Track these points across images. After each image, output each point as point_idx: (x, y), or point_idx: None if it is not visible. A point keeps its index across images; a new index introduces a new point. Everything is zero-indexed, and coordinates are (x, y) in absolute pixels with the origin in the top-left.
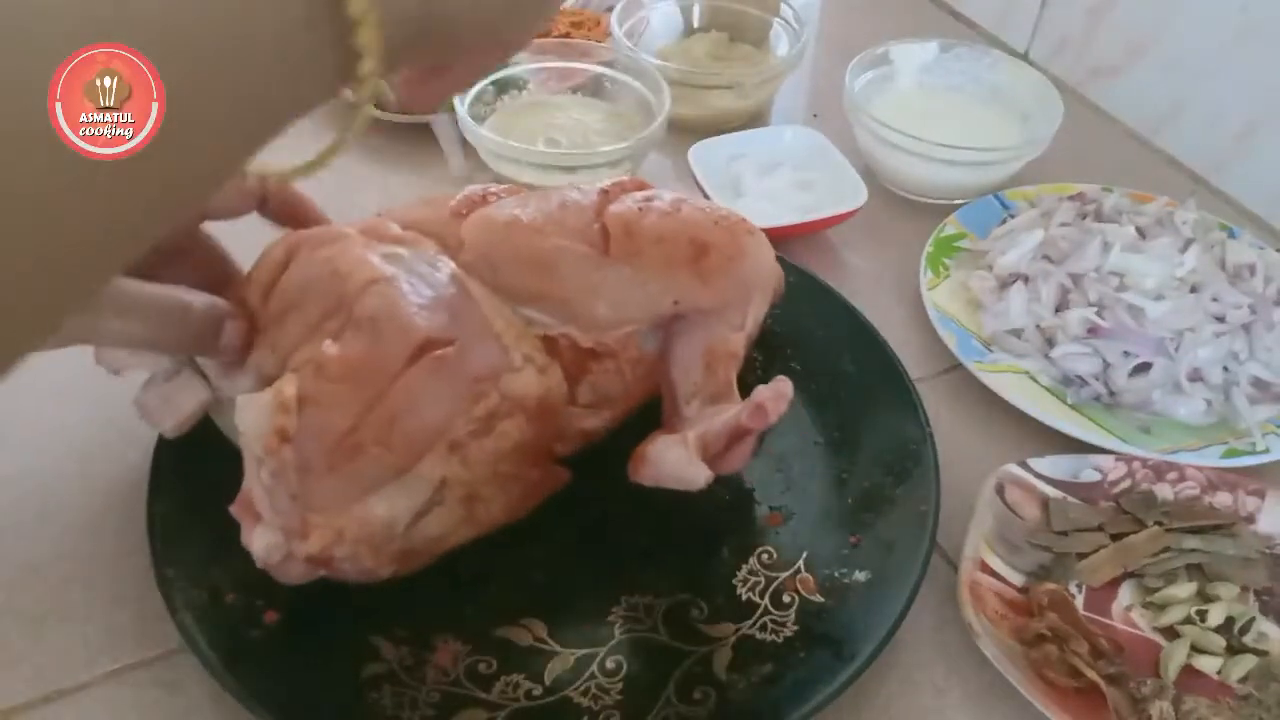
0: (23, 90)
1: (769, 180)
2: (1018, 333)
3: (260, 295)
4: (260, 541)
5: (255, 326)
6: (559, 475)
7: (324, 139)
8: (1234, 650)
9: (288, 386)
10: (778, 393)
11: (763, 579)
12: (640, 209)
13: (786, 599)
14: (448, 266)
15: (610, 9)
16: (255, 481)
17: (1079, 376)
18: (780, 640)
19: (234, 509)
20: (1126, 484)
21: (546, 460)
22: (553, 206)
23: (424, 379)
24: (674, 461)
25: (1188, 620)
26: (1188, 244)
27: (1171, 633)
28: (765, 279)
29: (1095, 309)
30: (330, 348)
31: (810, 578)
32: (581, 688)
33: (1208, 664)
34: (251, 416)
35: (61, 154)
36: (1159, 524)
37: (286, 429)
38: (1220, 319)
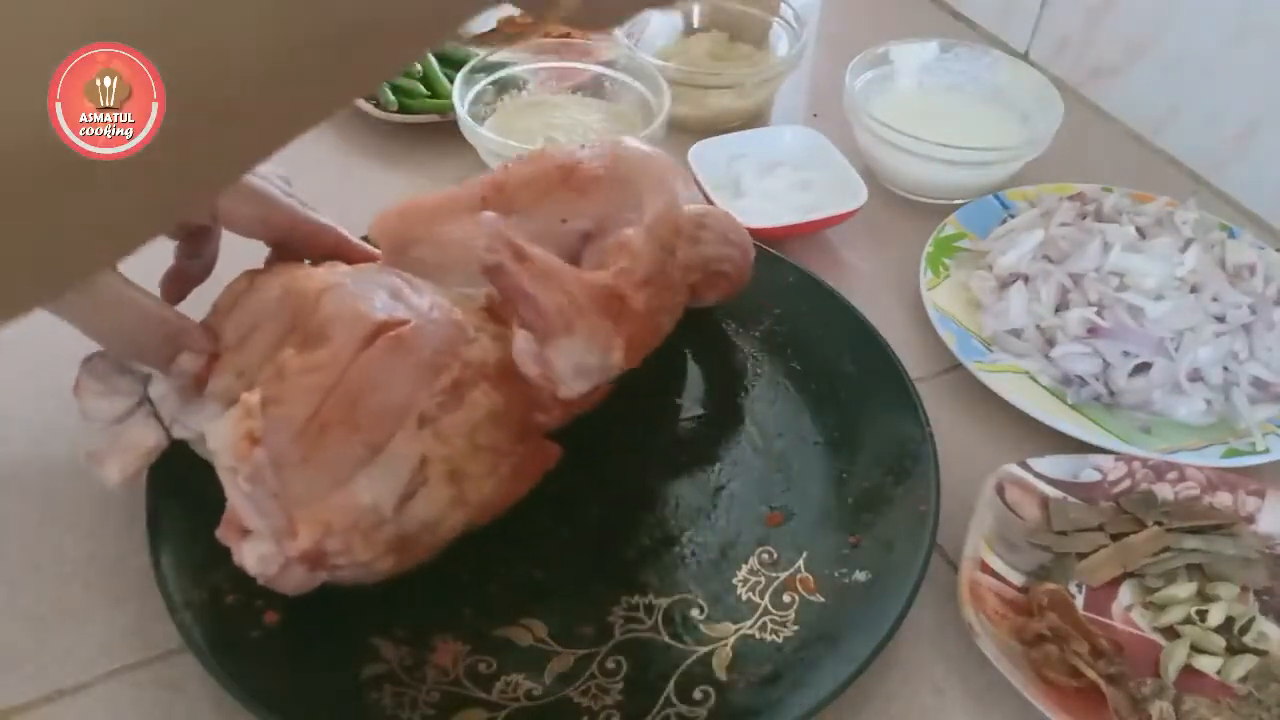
0: (23, 90)
1: (769, 180)
2: (1018, 333)
3: (221, 323)
4: (252, 555)
5: (218, 356)
6: (550, 451)
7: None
8: (1234, 650)
9: (251, 395)
10: (483, 219)
11: (763, 579)
12: (506, 165)
13: (787, 599)
14: (391, 270)
15: None
16: (236, 494)
17: (1079, 376)
18: (780, 640)
19: (220, 533)
20: (1126, 484)
21: (534, 435)
22: (446, 191)
23: (381, 357)
24: (518, 349)
25: (1188, 620)
26: (1188, 244)
27: (1171, 633)
28: (652, 173)
29: (1095, 309)
30: (290, 353)
31: (810, 577)
32: (581, 688)
33: (1207, 664)
34: (220, 431)
35: (61, 154)
36: (1159, 524)
37: (254, 431)
38: (1220, 319)
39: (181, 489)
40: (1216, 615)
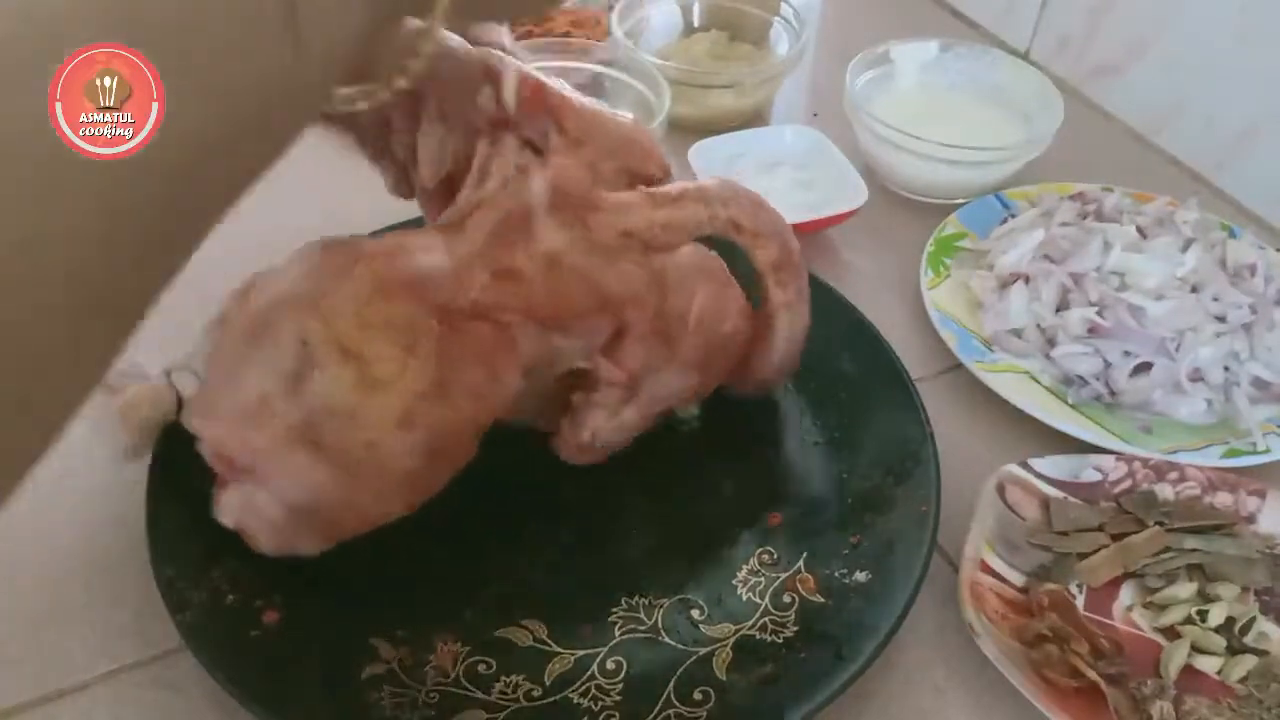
0: (23, 90)
1: (769, 180)
2: (1018, 332)
3: None
4: (223, 506)
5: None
6: (503, 336)
7: None
8: (1234, 650)
9: None
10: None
11: (763, 579)
12: None
13: (787, 599)
14: None
15: (610, 8)
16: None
17: (1080, 376)
18: (780, 640)
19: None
20: (1127, 484)
21: (460, 318)
22: None
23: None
24: None
25: (1188, 620)
26: (1188, 244)
27: (1172, 633)
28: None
29: (1096, 309)
30: None
31: (810, 578)
32: (581, 688)
33: (1208, 664)
34: None
35: (62, 154)
36: (1160, 524)
37: None
38: (1221, 319)
39: (181, 489)
40: (1217, 615)
